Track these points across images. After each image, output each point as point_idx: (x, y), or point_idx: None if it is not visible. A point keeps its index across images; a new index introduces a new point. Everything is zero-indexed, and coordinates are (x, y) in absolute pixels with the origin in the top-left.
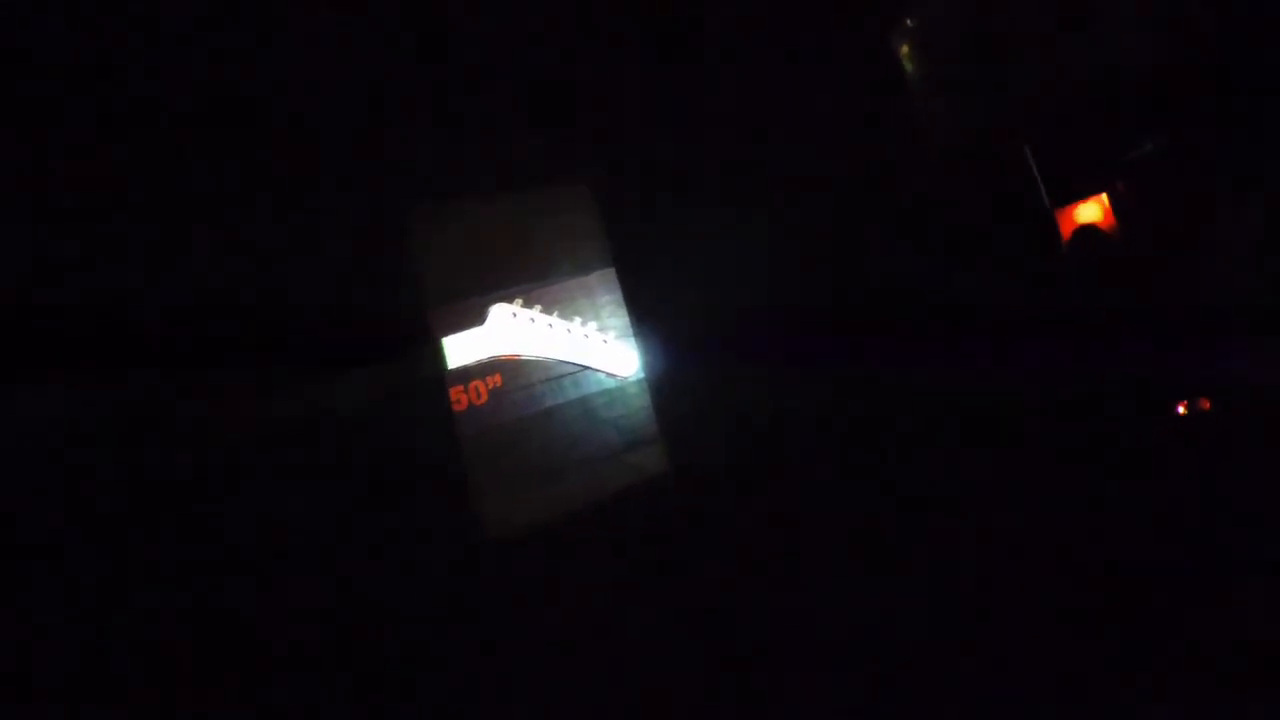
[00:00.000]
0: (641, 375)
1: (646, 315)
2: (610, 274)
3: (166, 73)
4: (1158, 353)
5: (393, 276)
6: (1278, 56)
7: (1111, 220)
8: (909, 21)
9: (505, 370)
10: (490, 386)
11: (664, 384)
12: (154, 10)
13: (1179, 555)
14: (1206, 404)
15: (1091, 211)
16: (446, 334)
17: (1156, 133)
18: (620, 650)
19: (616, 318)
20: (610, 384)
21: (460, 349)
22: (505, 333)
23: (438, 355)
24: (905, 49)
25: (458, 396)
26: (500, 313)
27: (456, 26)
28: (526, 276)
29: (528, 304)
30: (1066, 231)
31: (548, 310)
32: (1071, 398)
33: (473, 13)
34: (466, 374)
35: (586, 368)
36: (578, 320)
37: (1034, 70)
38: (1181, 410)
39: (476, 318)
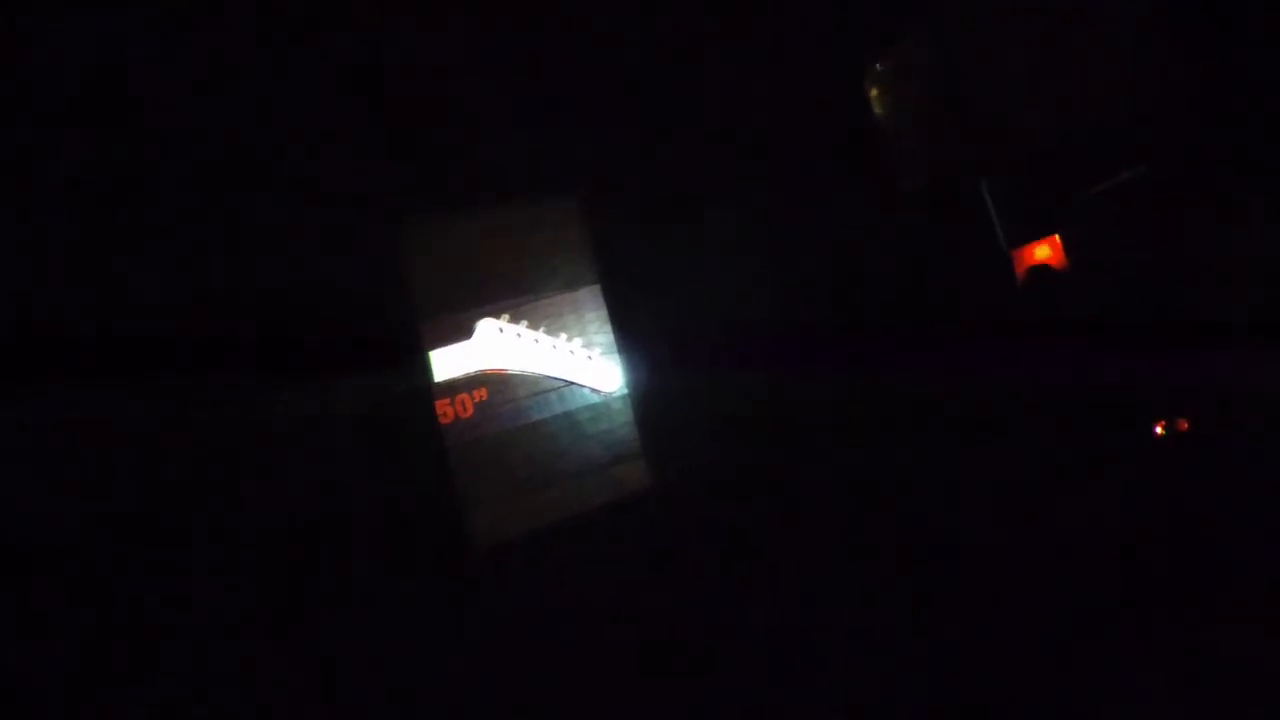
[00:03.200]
0: (626, 391)
1: (632, 332)
2: (596, 290)
3: (166, 76)
4: (1123, 369)
5: (380, 289)
6: (1243, 96)
7: (1063, 259)
8: (878, 66)
9: (491, 384)
10: (476, 400)
11: (648, 400)
12: (154, 13)
13: (1168, 562)
14: (1184, 425)
15: (1044, 251)
16: (433, 347)
17: (1127, 166)
18: (604, 663)
19: (602, 334)
20: (595, 399)
21: (447, 362)
22: (491, 347)
23: (424, 368)
24: (874, 92)
25: (444, 409)
26: (487, 327)
27: (449, 42)
28: (513, 291)
29: (514, 319)
30: (1021, 271)
31: (534, 325)
32: (1048, 410)
33: (465, 29)
34: (453, 387)
35: (571, 383)
36: (563, 336)
37: (996, 116)
38: (1159, 431)
39: (463, 332)
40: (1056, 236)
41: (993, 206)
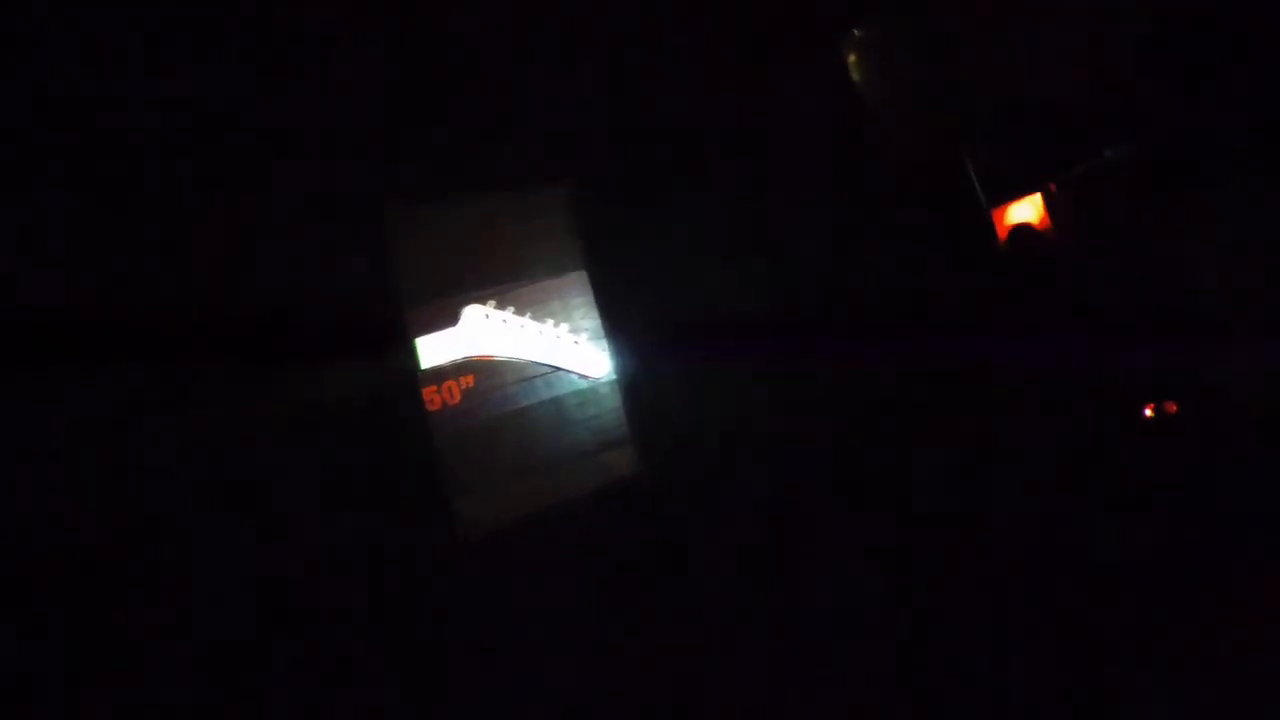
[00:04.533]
0: (613, 377)
1: (618, 317)
2: (583, 276)
3: (161, 73)
4: (1110, 352)
5: (367, 277)
6: (1223, 65)
7: (1046, 220)
8: (856, 32)
9: (478, 370)
10: (463, 386)
11: (635, 385)
12: (149, 11)
13: (1159, 552)
14: (1173, 407)
15: (1025, 211)
16: (420, 334)
17: (1111, 143)
18: (590, 649)
19: (589, 319)
20: (582, 385)
21: (434, 349)
22: (478, 333)
23: (411, 355)
24: (853, 58)
25: (431, 396)
26: (473, 314)
27: (437, 30)
28: (500, 278)
29: (501, 305)
30: (1003, 232)
31: (521, 311)
32: (1040, 397)
33: (453, 17)
34: (440, 374)
35: (559, 369)
36: (550, 322)
37: (977, 78)
38: (1149, 413)
39: (450, 318)
40: (1038, 196)
41: (971, 168)
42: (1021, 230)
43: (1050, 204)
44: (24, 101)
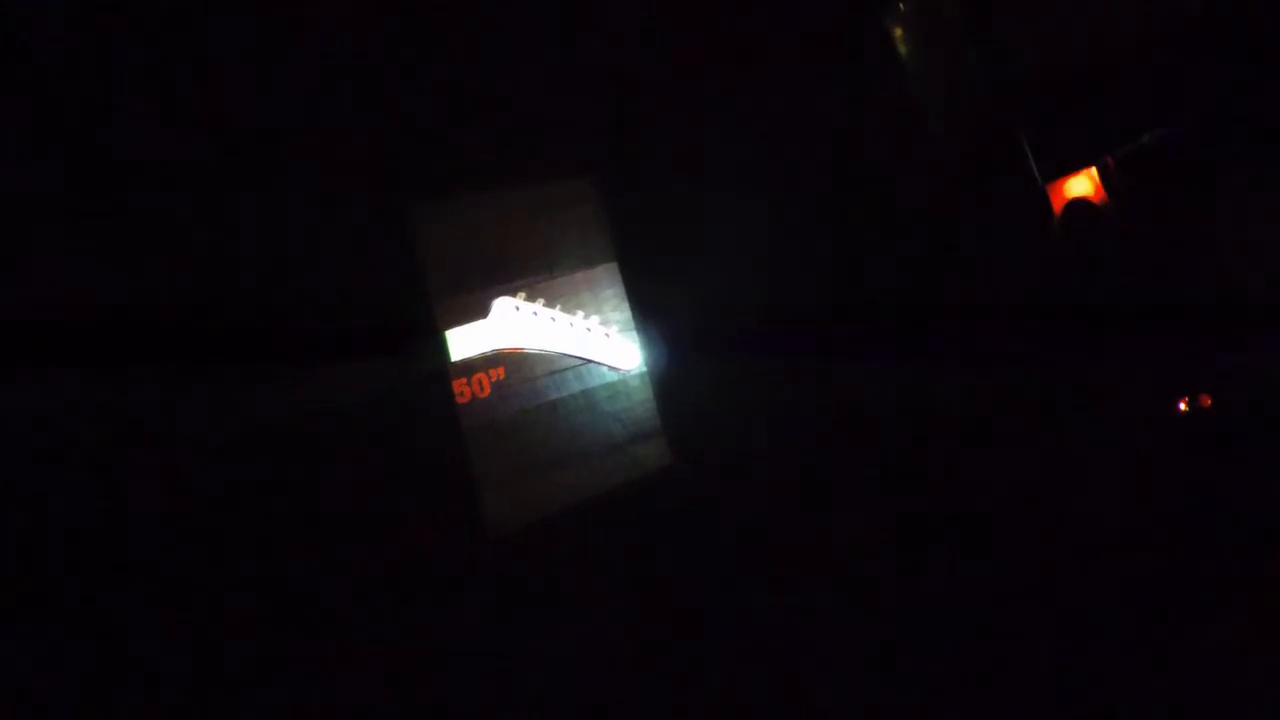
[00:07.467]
0: (644, 369)
1: (649, 309)
2: (613, 268)
3: (167, 68)
4: (1158, 345)
5: (396, 270)
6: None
7: (1102, 194)
8: (901, 5)
9: (508, 363)
10: (493, 379)
11: (666, 378)
12: (155, 4)
13: (1181, 554)
14: (1208, 401)
15: (1082, 185)
16: (450, 327)
17: (1155, 123)
18: (620, 641)
19: (619, 312)
20: (613, 377)
21: (463, 342)
22: (508, 326)
23: (441, 348)
24: (899, 32)
25: (461, 389)
26: (503, 306)
27: (462, 19)
28: (530, 270)
29: (531, 297)
30: (1058, 206)
31: (551, 304)
32: (1072, 391)
33: (478, 6)
34: (470, 367)
35: (589, 361)
36: (580, 314)
37: (1027, 49)
38: (1183, 407)
39: (480, 311)
40: (1094, 170)
41: (1026, 142)
42: (1078, 205)
43: (1107, 178)
44: (33, 99)
